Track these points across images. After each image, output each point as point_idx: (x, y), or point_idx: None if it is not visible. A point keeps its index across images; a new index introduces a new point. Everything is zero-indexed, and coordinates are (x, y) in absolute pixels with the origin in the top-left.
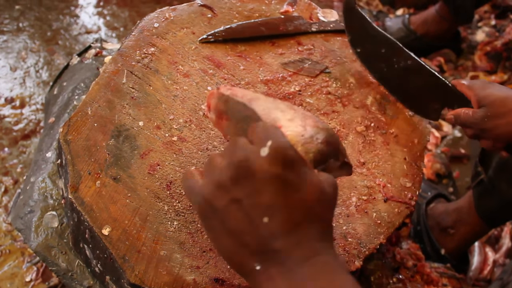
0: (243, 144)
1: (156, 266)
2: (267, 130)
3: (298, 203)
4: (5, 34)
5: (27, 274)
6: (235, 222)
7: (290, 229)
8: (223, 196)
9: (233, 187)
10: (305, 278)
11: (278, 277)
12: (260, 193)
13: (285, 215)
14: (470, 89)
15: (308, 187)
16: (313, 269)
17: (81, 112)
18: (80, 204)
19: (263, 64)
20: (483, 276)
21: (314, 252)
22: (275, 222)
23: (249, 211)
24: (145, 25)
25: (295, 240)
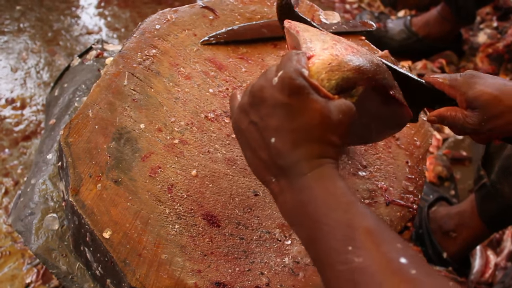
0: (264, 74)
1: (157, 270)
2: (286, 60)
3: (299, 126)
4: (6, 35)
5: (27, 276)
6: (253, 140)
7: (291, 148)
8: (244, 118)
9: (251, 111)
10: (304, 187)
11: (286, 188)
12: (269, 116)
13: (288, 136)
14: (452, 87)
15: (310, 112)
16: (310, 181)
17: (82, 114)
18: (81, 207)
19: (265, 66)
20: (485, 280)
21: (312, 167)
22: (279, 142)
23: (262, 131)
24: (147, 26)
25: (295, 158)
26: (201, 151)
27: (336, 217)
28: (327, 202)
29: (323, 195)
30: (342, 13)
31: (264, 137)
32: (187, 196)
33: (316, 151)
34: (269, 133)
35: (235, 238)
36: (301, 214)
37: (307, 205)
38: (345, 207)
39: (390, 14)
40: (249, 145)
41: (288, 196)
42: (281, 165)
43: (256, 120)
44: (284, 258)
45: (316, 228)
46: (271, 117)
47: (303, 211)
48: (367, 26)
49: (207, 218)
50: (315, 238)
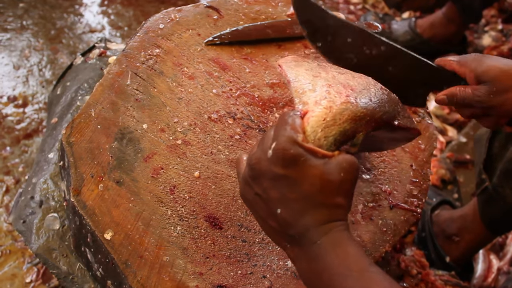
0: (261, 143)
1: (159, 272)
2: (280, 126)
3: (301, 195)
4: (8, 32)
5: (27, 275)
6: (261, 211)
7: (298, 217)
8: (249, 190)
9: (253, 184)
10: (316, 256)
11: (300, 256)
12: (271, 189)
13: (292, 206)
14: (462, 65)
15: (309, 179)
16: (321, 249)
17: (85, 114)
18: (82, 207)
19: (269, 67)
20: (487, 284)
21: (321, 233)
22: (285, 213)
23: (267, 203)
24: (150, 26)
25: (304, 227)
26: (204, 152)
27: (350, 286)
28: (340, 271)
29: (335, 264)
30: (347, 14)
31: (270, 208)
32: (189, 197)
33: (322, 216)
34: (273, 204)
35: (238, 241)
36: (317, 281)
37: (322, 274)
38: (357, 275)
39: (395, 15)
40: (258, 215)
41: (303, 264)
42: (291, 234)
43: (260, 192)
44: (286, 262)
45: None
46: (272, 189)
47: (319, 279)
48: (373, 28)
49: (209, 220)
50: None
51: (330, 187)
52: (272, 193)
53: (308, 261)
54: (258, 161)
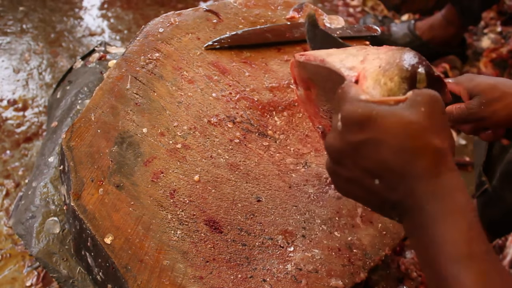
0: (332, 126)
1: (159, 276)
2: (339, 99)
3: (389, 153)
4: (8, 36)
5: (27, 279)
6: (362, 193)
7: (397, 178)
8: (340, 181)
9: (339, 170)
10: (422, 225)
11: (409, 228)
12: (356, 164)
13: (385, 169)
14: (457, 84)
15: (390, 131)
16: (429, 216)
17: (84, 118)
18: (82, 211)
19: (269, 70)
20: None
21: (428, 194)
22: (382, 181)
23: (361, 182)
24: (150, 30)
25: (406, 187)
26: (203, 156)
27: (456, 275)
28: (447, 250)
29: (442, 240)
30: (346, 16)
31: (366, 185)
32: (189, 201)
33: (422, 168)
34: (367, 179)
35: (238, 244)
36: (425, 258)
37: (428, 249)
38: (468, 263)
39: (394, 18)
40: (362, 200)
41: (413, 238)
42: (396, 201)
43: (349, 175)
44: (286, 265)
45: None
46: (358, 163)
47: (425, 255)
48: (372, 31)
49: (209, 224)
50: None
51: (417, 128)
52: (359, 167)
53: (416, 232)
54: (333, 142)
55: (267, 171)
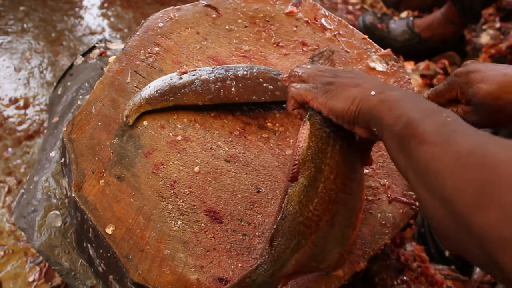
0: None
1: (160, 265)
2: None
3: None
4: (9, 35)
5: (30, 274)
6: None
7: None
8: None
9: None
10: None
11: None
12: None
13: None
14: (453, 89)
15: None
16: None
17: (85, 111)
18: (83, 203)
19: (268, 64)
20: (488, 279)
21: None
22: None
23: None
24: (150, 24)
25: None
26: (203, 148)
27: (428, 129)
28: (414, 113)
29: (409, 106)
30: (345, 14)
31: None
32: (189, 192)
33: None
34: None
35: (238, 235)
36: (396, 131)
37: (398, 121)
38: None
39: (393, 15)
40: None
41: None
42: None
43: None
44: None
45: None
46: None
47: (395, 126)
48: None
49: (209, 214)
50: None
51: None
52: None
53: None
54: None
55: (266, 162)
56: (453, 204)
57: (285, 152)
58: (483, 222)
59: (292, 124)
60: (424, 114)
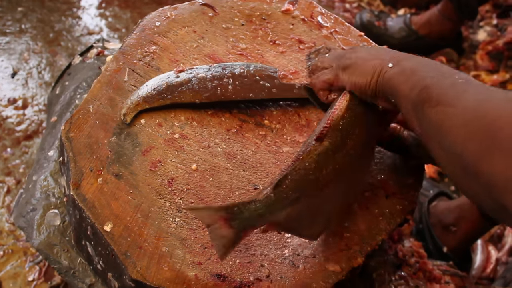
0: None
1: (158, 262)
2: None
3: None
4: (7, 36)
5: (29, 274)
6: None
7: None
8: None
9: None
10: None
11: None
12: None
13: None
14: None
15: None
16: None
17: (83, 110)
18: (82, 200)
19: (265, 62)
20: (486, 274)
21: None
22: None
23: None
24: (147, 23)
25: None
26: (201, 146)
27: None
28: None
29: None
30: (342, 12)
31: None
32: (187, 189)
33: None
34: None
35: None
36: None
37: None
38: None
39: (390, 12)
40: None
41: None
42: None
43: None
44: (284, 251)
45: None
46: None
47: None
48: None
49: None
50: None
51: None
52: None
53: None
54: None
55: (264, 159)
56: (462, 156)
57: (282, 149)
58: (488, 169)
59: (289, 121)
60: (436, 79)
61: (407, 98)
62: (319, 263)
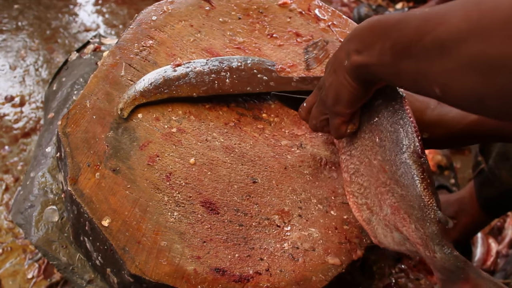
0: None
1: (157, 257)
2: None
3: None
4: (4, 33)
5: (28, 271)
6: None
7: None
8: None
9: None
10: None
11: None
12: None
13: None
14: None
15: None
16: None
17: (80, 105)
18: (79, 196)
19: (262, 55)
20: (487, 267)
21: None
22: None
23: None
24: (143, 18)
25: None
26: (199, 140)
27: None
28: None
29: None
30: (340, 6)
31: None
32: (185, 183)
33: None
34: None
35: (234, 225)
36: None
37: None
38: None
39: (388, 6)
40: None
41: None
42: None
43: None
44: (283, 244)
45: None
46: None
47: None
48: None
49: (205, 205)
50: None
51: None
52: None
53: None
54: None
55: (262, 153)
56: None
57: (281, 143)
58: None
59: (287, 114)
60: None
61: (385, 65)
62: (318, 256)
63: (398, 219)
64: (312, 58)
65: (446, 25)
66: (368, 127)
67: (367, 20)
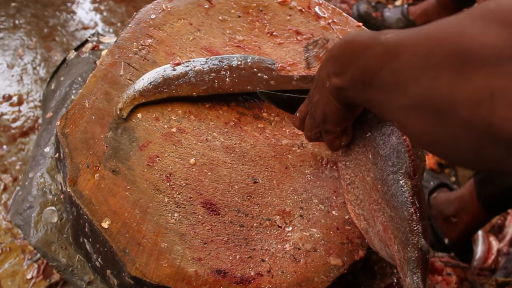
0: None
1: (157, 259)
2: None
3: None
4: (1, 32)
5: (28, 272)
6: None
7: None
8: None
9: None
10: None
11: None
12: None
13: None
14: None
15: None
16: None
17: (79, 105)
18: (79, 197)
19: (262, 54)
20: (488, 265)
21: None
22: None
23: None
24: (142, 16)
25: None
26: (199, 140)
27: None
28: None
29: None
30: (339, 3)
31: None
32: (185, 184)
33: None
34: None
35: (235, 226)
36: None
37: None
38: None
39: (387, 3)
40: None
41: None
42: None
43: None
44: (285, 245)
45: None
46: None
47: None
48: None
49: (206, 206)
50: None
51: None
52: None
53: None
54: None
55: (263, 152)
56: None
57: (281, 142)
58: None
59: (288, 113)
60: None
61: (358, 91)
62: (320, 257)
63: (387, 238)
64: (313, 56)
65: (400, 58)
66: (362, 141)
67: (343, 39)
